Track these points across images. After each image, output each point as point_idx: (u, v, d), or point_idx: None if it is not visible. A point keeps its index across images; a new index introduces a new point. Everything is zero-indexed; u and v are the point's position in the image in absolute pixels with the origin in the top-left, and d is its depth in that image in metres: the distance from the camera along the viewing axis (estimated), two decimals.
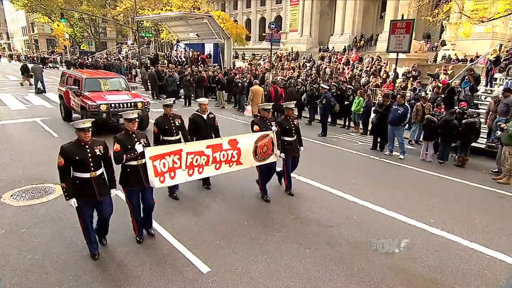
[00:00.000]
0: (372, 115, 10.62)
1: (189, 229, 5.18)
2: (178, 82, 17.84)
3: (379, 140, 10.08)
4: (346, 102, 12.70)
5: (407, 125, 10.74)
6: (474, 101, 11.89)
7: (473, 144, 9.41)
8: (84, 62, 33.35)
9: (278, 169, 6.63)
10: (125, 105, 10.20)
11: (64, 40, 47.20)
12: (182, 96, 17.81)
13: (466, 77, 12.90)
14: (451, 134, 8.86)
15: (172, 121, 5.89)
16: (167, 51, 35.86)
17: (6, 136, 9.93)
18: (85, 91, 10.52)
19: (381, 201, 6.35)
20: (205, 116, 6.27)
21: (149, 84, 20.15)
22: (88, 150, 4.10)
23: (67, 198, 4.08)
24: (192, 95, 19.00)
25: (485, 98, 12.67)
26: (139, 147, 4.45)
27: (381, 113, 9.75)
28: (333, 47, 31.88)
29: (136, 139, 4.54)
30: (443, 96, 11.89)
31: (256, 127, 5.97)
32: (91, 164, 4.10)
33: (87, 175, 4.10)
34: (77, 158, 4.01)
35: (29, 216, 5.42)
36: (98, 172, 4.20)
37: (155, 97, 18.39)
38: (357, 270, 4.36)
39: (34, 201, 5.94)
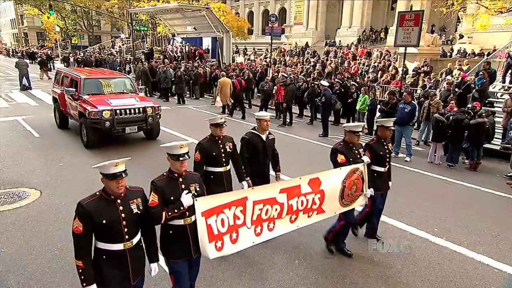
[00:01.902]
0: (377, 114, 10.49)
1: None
2: (173, 79, 17.80)
3: None
4: (349, 100, 12.57)
5: (415, 124, 10.60)
6: (490, 99, 11.70)
7: (486, 146, 9.26)
8: (75, 58, 33.42)
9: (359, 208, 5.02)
10: (132, 111, 9.14)
11: (54, 33, 47.41)
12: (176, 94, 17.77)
13: (481, 73, 12.73)
14: (461, 135, 8.71)
15: (221, 146, 4.54)
16: (164, 46, 35.93)
17: None
18: (84, 94, 9.39)
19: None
20: (264, 137, 4.94)
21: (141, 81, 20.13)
22: (121, 208, 2.87)
23: (84, 284, 2.80)
24: (188, 92, 19.09)
25: (501, 96, 12.47)
26: (187, 199, 3.14)
27: (387, 112, 9.61)
28: (340, 41, 31.71)
29: (183, 185, 3.23)
30: (457, 90, 11.73)
31: (340, 158, 4.50)
32: (126, 229, 2.88)
33: (119, 246, 2.89)
34: (104, 222, 2.77)
35: None
36: (135, 241, 2.98)
37: (147, 95, 18.35)
38: (349, 283, 4.25)
39: (5, 207, 5.88)
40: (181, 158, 3.15)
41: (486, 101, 11.19)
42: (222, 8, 33.70)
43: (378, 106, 10.67)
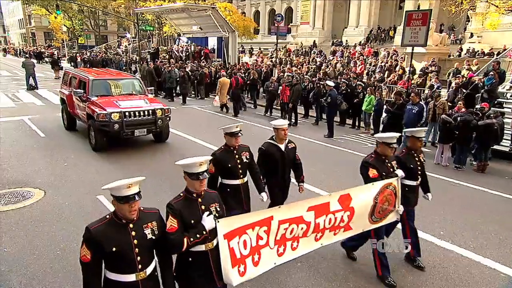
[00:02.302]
0: (384, 114, 10.42)
1: None
2: (178, 79, 17.85)
3: None
4: (355, 100, 12.51)
5: (424, 125, 10.51)
6: (499, 99, 11.56)
7: (495, 147, 9.15)
8: (81, 58, 33.72)
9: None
10: (141, 114, 8.96)
11: (61, 33, 47.87)
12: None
13: (491, 73, 12.59)
14: (469, 136, 8.62)
15: (237, 157, 4.24)
16: (170, 45, 36.09)
17: None
18: (92, 96, 9.27)
19: None
20: (282, 147, 4.60)
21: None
22: (134, 233, 2.57)
23: None
24: (193, 92, 19.17)
25: (511, 96, 12.31)
26: (209, 221, 2.84)
27: (393, 112, 9.54)
28: (346, 41, 31.58)
29: (203, 206, 2.93)
30: (464, 91, 11.60)
31: (372, 172, 4.14)
32: (138, 258, 2.59)
33: (131, 277, 2.59)
34: (114, 249, 2.49)
35: (1, 223, 5.40)
36: (149, 271, 2.67)
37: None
38: (352, 287, 4.22)
39: (9, 206, 5.94)
40: (200, 177, 2.83)
41: (495, 102, 11.07)
42: (228, 8, 33.75)
43: (384, 107, 10.60)
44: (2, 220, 5.49)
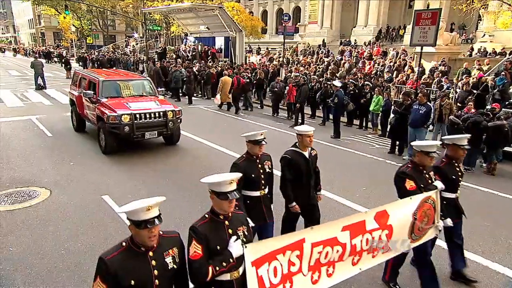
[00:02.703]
0: (391, 115, 10.33)
1: None
2: (184, 79, 17.94)
3: (397, 143, 9.79)
4: (363, 100, 12.42)
5: (430, 126, 10.39)
6: (511, 100, 11.39)
7: (507, 149, 9.02)
8: (90, 57, 34.05)
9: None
10: (152, 116, 8.80)
11: (70, 33, 48.43)
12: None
13: (502, 73, 12.41)
14: (479, 138, 8.49)
15: (260, 166, 4.01)
16: (177, 45, 36.26)
17: None
18: (102, 97, 9.14)
19: None
20: (306, 154, 4.35)
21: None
22: (154, 263, 2.30)
23: None
24: (200, 92, 19.25)
25: None
26: (236, 248, 2.55)
27: (400, 113, 9.45)
28: (355, 40, 31.41)
29: (230, 230, 2.64)
30: (473, 91, 11.46)
31: (410, 184, 3.79)
32: None
33: None
34: (132, 283, 2.22)
35: (8, 222, 5.47)
36: None
37: None
38: None
39: (15, 206, 6.01)
40: (229, 197, 2.52)
41: (507, 103, 10.91)
42: (236, 7, 33.75)
43: (392, 107, 10.51)
44: (9, 219, 5.56)
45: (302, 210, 4.45)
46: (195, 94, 19.37)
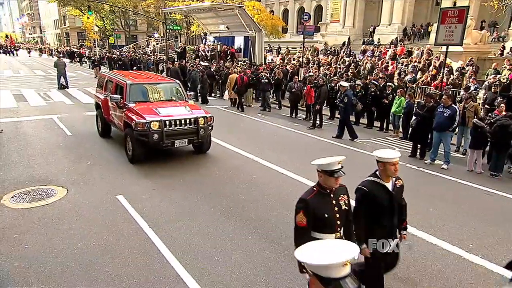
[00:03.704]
0: (413, 117, 10.07)
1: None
2: (201, 79, 18.13)
3: (419, 146, 9.55)
4: (385, 101, 12.17)
5: (456, 129, 10.08)
6: None
7: None
8: (111, 57, 34.77)
9: None
10: (182, 122, 8.27)
11: (93, 33, 49.72)
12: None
13: None
14: (507, 142, 8.17)
15: (335, 203, 3.26)
16: (196, 45, 36.63)
17: (19, 134, 10.53)
18: (130, 102, 8.62)
19: (412, 218, 5.92)
20: (389, 185, 3.59)
21: None
22: (334, 202, 3.07)
23: None
24: (218, 91, 19.42)
25: None
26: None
27: (422, 115, 9.21)
28: (379, 39, 30.81)
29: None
30: (504, 94, 11.03)
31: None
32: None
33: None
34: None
35: (25, 220, 5.65)
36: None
37: None
38: None
39: (33, 204, 6.20)
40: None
41: None
42: (257, 6, 33.77)
43: (415, 109, 10.25)
44: (26, 217, 5.74)
45: (381, 254, 3.56)
46: (213, 94, 19.56)
